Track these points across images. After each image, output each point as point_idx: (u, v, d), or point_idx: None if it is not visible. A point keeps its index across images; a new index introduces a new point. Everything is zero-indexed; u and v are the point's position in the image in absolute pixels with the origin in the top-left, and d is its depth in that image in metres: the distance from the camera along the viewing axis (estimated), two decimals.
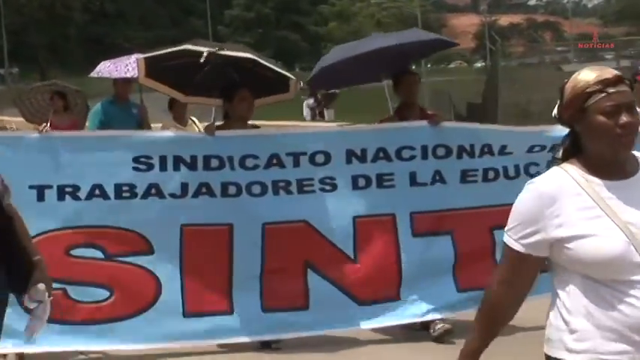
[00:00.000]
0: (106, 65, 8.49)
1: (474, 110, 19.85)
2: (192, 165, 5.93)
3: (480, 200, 6.25)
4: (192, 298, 5.96)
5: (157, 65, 6.51)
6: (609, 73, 2.45)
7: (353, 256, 6.15)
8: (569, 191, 2.43)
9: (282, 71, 6.62)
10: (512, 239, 2.49)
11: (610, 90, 2.41)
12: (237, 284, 5.99)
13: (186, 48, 6.35)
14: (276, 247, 6.03)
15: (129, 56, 8.53)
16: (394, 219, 6.18)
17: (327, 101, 21.40)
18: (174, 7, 75.80)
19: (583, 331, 2.39)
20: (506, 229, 2.51)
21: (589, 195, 2.42)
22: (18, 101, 8.97)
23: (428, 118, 6.39)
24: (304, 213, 6.08)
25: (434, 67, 59.18)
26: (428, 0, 78.86)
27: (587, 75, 2.46)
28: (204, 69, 6.31)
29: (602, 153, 2.44)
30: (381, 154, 6.13)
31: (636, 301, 2.35)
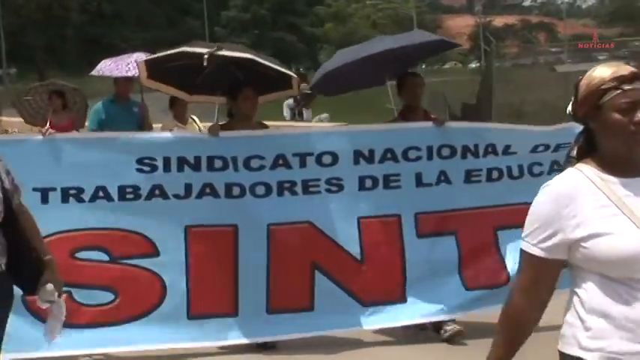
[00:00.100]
0: (107, 64, 8.47)
1: (468, 110, 19.82)
2: (196, 166, 5.90)
3: (484, 200, 6.24)
4: (197, 299, 5.93)
5: (159, 67, 6.51)
6: (625, 69, 2.42)
7: (359, 257, 6.13)
8: (585, 191, 2.41)
9: (282, 69, 6.61)
10: (531, 244, 2.45)
11: (625, 87, 2.38)
12: (243, 286, 5.97)
13: (184, 50, 6.34)
14: (282, 248, 6.01)
15: (130, 55, 8.53)
16: (399, 220, 6.17)
17: (305, 101, 21.52)
18: (171, 8, 75.66)
19: (598, 330, 2.37)
20: (523, 235, 2.47)
21: (605, 194, 2.40)
22: (17, 103, 8.95)
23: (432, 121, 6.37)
24: (309, 214, 6.06)
25: (429, 67, 59.05)
26: (423, 1, 78.86)
27: (603, 71, 2.43)
28: (205, 69, 6.28)
29: (617, 150, 2.42)
30: (389, 154, 6.10)
31: None
